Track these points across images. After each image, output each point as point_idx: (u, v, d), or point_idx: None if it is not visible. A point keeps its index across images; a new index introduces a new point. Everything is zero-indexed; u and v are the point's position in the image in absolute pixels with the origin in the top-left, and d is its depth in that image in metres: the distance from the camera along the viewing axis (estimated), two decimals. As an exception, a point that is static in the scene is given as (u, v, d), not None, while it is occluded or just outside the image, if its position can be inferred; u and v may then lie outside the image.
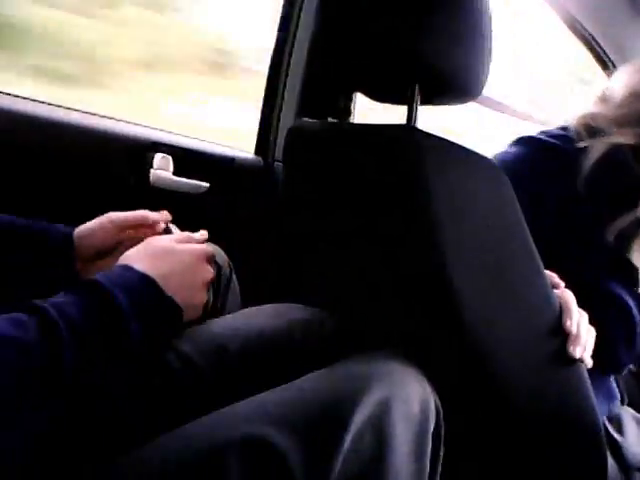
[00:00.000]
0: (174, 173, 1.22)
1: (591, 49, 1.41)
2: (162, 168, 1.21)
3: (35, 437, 0.48)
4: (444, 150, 0.67)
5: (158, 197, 1.21)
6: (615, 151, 0.86)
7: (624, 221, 0.83)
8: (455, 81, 0.70)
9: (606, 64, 1.41)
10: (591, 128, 0.90)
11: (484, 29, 0.68)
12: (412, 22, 0.64)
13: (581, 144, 0.88)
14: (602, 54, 1.40)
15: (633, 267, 0.84)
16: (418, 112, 0.71)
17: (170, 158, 1.22)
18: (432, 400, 0.60)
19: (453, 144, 0.68)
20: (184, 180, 1.24)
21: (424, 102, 0.71)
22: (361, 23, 0.69)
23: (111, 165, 1.18)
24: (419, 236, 0.67)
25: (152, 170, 1.20)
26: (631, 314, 0.86)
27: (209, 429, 0.55)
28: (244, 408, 0.57)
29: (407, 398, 0.57)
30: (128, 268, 0.60)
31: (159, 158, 1.20)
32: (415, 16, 0.65)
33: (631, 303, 0.86)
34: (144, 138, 1.22)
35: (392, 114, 0.79)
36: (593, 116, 0.93)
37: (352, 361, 0.63)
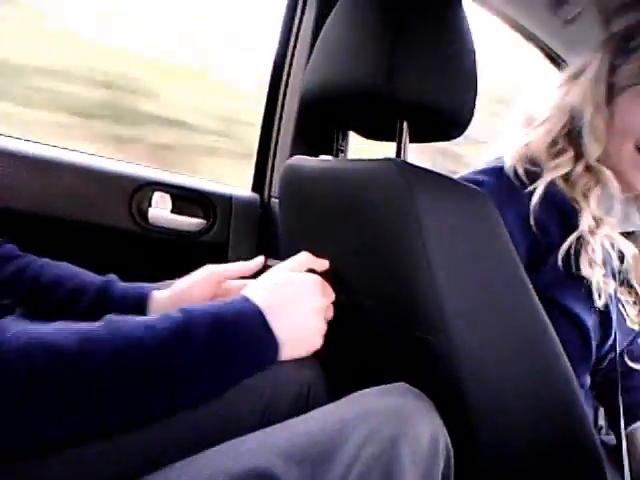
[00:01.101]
0: (172, 211, 1.24)
1: (542, 49, 1.37)
2: (160, 207, 1.22)
3: None
4: (432, 182, 0.68)
5: (156, 236, 1.23)
6: (550, 188, 0.89)
7: (570, 242, 0.87)
8: (442, 117, 0.72)
9: (559, 64, 1.36)
10: (529, 168, 0.91)
11: (468, 63, 0.70)
12: (397, 60, 0.66)
13: (528, 188, 0.90)
14: (552, 53, 1.36)
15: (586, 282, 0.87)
16: (407, 149, 0.73)
17: (168, 197, 1.24)
18: (442, 439, 0.59)
19: (441, 176, 0.69)
20: (182, 218, 1.25)
21: (413, 140, 0.73)
22: (347, 62, 0.72)
23: (110, 204, 1.20)
24: (410, 268, 0.68)
25: (150, 209, 1.21)
26: (585, 330, 0.89)
27: (215, 461, 0.55)
28: (250, 441, 0.57)
29: (416, 436, 0.56)
30: (246, 300, 0.62)
31: (157, 197, 1.22)
32: (400, 53, 0.67)
33: (588, 321, 0.89)
34: (142, 177, 1.24)
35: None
36: (528, 150, 0.94)
37: (362, 396, 0.62)
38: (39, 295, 0.78)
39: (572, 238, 0.86)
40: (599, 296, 0.87)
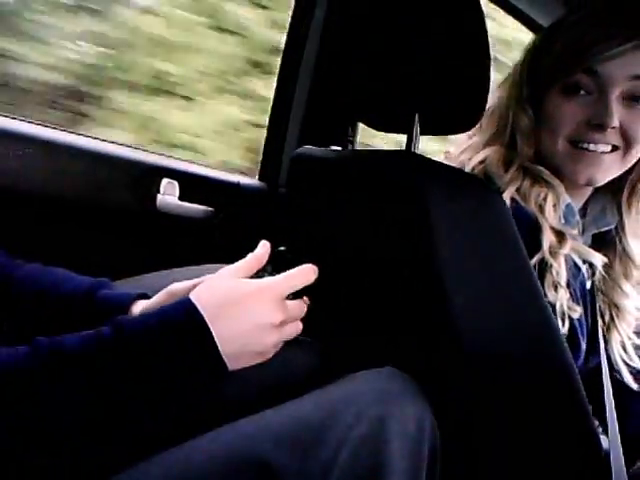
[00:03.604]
0: (180, 198, 1.24)
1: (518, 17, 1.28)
2: (168, 193, 1.23)
3: None
4: (444, 175, 0.68)
5: (164, 222, 1.23)
6: (512, 204, 0.84)
7: (532, 264, 0.80)
8: (455, 109, 0.72)
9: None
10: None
11: (483, 56, 0.70)
12: (410, 52, 0.66)
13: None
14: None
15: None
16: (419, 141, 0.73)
17: (176, 183, 1.24)
18: (428, 419, 0.60)
19: (452, 169, 0.69)
20: (189, 205, 1.25)
21: (424, 132, 0.73)
22: (361, 53, 0.71)
23: (118, 190, 1.20)
24: (418, 257, 0.68)
25: (159, 195, 1.22)
26: None
27: (210, 447, 0.56)
28: (243, 427, 0.58)
29: (403, 416, 0.58)
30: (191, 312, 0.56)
31: (165, 183, 1.22)
32: (413, 46, 0.66)
33: None
34: (151, 163, 1.24)
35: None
36: (484, 166, 0.88)
37: (349, 379, 0.63)
38: (24, 305, 0.74)
39: (535, 260, 0.81)
40: (562, 322, 0.81)
